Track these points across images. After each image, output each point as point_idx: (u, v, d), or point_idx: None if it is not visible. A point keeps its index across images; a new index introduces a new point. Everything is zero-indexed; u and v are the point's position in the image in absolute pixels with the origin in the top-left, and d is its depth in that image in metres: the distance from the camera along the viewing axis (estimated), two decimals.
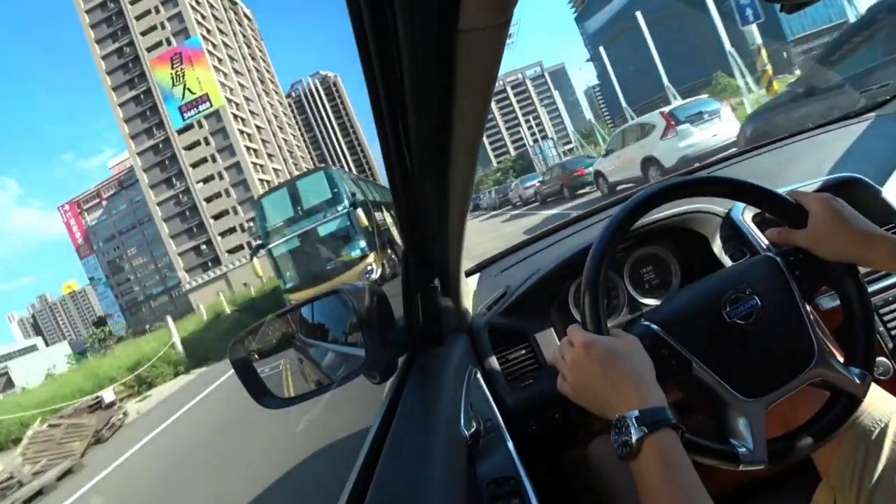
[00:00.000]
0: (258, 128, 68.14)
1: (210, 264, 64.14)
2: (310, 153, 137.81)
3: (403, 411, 0.69)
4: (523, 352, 0.99)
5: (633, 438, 0.49)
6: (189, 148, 64.24)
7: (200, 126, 63.48)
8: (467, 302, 1.10)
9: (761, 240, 0.93)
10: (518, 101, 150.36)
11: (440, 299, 0.85)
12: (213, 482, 4.39)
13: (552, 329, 1.03)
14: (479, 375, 0.86)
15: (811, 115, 3.91)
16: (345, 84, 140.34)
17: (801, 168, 1.22)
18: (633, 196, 0.71)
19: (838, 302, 0.68)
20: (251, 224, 55.93)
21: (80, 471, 7.59)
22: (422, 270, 0.76)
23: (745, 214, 0.99)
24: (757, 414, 0.60)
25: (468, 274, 1.33)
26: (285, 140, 79.42)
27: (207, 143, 63.85)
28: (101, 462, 7.35)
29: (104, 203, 75.46)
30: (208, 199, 64.18)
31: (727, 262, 1.01)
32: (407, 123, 0.41)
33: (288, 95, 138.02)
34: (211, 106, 62.02)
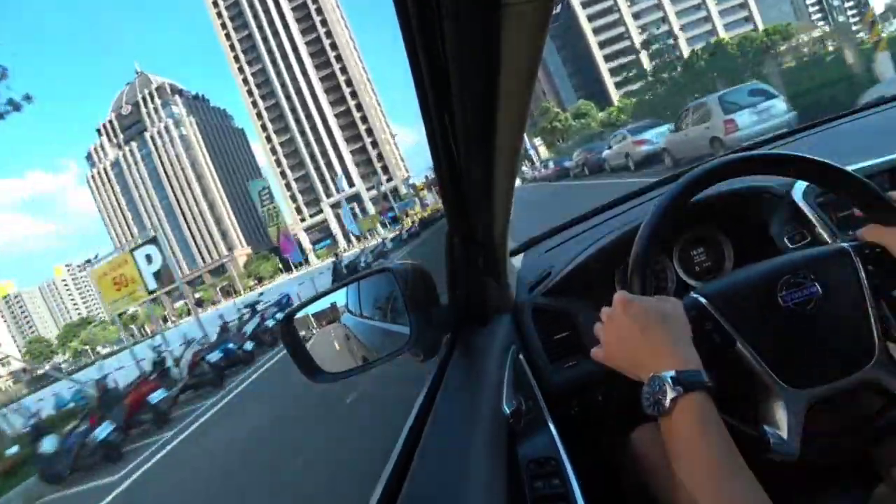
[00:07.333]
0: None
1: None
2: (249, 86, 79.73)
3: (447, 389, 0.70)
4: (567, 333, 0.98)
5: (668, 398, 0.49)
6: None
7: None
8: (512, 281, 1.10)
9: (827, 224, 0.87)
10: None
11: (485, 278, 0.85)
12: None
13: (597, 311, 1.01)
14: (521, 355, 0.86)
15: None
16: None
17: (869, 145, 1.11)
18: (689, 172, 0.68)
19: None
20: None
21: None
22: (466, 249, 0.75)
23: (809, 195, 0.92)
24: (797, 405, 0.57)
25: (513, 254, 1.31)
26: None
27: None
28: None
29: None
30: None
31: (787, 245, 0.95)
32: (451, 99, 0.41)
33: None
34: None
